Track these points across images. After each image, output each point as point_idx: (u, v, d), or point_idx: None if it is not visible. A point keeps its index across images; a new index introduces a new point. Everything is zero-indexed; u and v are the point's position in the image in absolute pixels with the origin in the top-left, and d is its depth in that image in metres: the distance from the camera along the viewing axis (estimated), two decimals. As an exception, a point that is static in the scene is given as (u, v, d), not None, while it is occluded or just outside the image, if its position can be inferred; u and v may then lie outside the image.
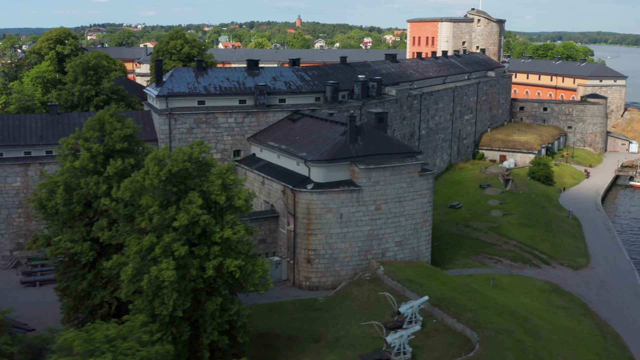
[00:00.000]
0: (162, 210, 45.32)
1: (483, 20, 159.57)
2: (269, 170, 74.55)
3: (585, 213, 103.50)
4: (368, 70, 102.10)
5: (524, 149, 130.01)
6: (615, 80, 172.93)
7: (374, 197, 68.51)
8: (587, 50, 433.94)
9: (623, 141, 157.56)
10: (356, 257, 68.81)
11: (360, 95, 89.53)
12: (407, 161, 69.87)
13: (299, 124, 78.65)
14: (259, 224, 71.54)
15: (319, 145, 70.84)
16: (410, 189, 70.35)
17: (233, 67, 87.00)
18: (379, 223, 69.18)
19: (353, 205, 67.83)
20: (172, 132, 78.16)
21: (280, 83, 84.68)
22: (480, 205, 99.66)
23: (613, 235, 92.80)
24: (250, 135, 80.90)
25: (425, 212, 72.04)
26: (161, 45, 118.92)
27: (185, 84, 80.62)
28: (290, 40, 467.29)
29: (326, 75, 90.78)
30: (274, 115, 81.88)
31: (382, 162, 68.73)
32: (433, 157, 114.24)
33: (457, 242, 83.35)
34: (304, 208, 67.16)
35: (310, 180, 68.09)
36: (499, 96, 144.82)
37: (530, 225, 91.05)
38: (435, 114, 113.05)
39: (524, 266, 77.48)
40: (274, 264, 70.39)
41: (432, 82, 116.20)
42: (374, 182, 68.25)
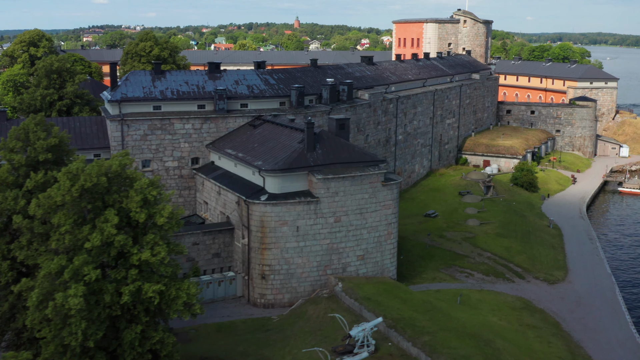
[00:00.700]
0: (76, 230, 41.15)
1: (469, 21, 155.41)
2: (225, 180, 70.43)
3: (568, 222, 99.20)
4: (341, 73, 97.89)
5: (508, 154, 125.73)
6: (606, 83, 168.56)
7: (333, 208, 64.34)
8: (584, 52, 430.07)
9: (613, 145, 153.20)
10: (314, 272, 64.63)
11: (329, 100, 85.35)
12: (369, 170, 65.67)
13: (259, 131, 74.51)
14: (212, 237, 67.48)
15: (275, 153, 66.68)
16: (372, 199, 66.15)
17: (193, 71, 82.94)
18: (338, 236, 65.01)
19: (310, 217, 63.65)
20: (124, 139, 74.02)
21: (242, 87, 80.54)
22: (457, 214, 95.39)
23: (595, 246, 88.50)
24: (210, 142, 76.77)
25: (390, 224, 67.84)
26: (130, 47, 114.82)
27: (140, 89, 76.50)
28: (284, 42, 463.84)
29: (293, 78, 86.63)
30: (235, 121, 77.73)
31: (342, 171, 64.57)
32: (411, 163, 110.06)
33: (428, 254, 79.13)
34: (258, 221, 62.98)
35: (265, 191, 63.94)
36: (484, 99, 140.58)
37: (507, 235, 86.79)
38: (414, 118, 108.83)
39: (497, 280, 73.23)
40: (228, 280, 66.33)
41: (410, 85, 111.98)
42: (332, 192, 64.08)
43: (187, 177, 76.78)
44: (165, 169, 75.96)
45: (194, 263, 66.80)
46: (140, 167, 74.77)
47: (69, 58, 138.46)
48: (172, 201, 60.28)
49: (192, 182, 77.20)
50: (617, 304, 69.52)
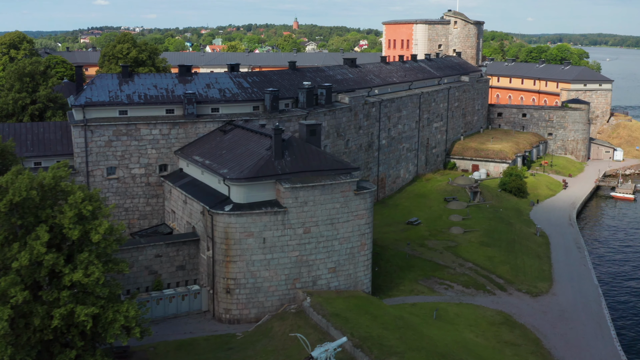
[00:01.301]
0: (5, 248, 38.00)
1: (460, 22, 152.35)
2: (191, 188, 67.28)
3: (556, 229, 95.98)
4: (321, 76, 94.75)
5: (497, 158, 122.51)
6: (600, 85, 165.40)
7: (302, 219, 61.16)
8: (582, 53, 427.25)
9: (607, 148, 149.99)
10: (282, 286, 61.44)
11: (306, 104, 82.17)
12: (340, 179, 62.48)
13: (229, 137, 71.35)
14: (176, 249, 64.35)
15: (242, 161, 63.53)
16: (344, 209, 62.96)
17: (163, 74, 79.76)
18: (308, 248, 61.83)
19: (278, 228, 60.47)
20: (88, 146, 70.90)
21: (214, 90, 77.38)
22: (441, 222, 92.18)
23: (583, 255, 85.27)
24: (178, 148, 73.62)
25: (363, 235, 64.63)
26: (107, 49, 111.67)
27: (106, 93, 73.42)
28: (281, 43, 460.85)
29: (269, 81, 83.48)
30: (205, 126, 74.57)
31: (311, 180, 61.40)
32: (396, 168, 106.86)
33: (407, 265, 75.94)
34: (222, 232, 59.83)
35: (230, 200, 60.78)
36: (474, 102, 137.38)
37: (491, 244, 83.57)
38: (398, 122, 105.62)
39: (477, 293, 69.99)
40: (192, 294, 63.16)
41: (395, 88, 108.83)
42: (301, 202, 60.89)
43: (154, 185, 73.64)
44: (132, 176, 72.82)
45: (157, 276, 63.76)
46: (105, 174, 71.75)
47: (51, 60, 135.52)
48: (112, 216, 57.09)
49: (160, 189, 74.08)
50: (603, 318, 66.30)
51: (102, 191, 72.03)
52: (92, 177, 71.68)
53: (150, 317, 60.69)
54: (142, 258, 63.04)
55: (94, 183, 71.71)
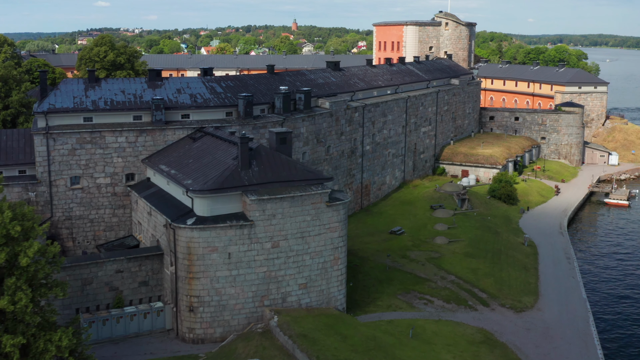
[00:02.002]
0: None
1: (451, 23, 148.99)
2: (156, 199, 64.02)
3: (545, 238, 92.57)
4: (301, 80, 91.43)
5: (488, 164, 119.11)
6: (595, 87, 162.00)
7: (270, 232, 57.83)
8: (581, 54, 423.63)
9: (602, 153, 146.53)
10: (250, 304, 58.09)
11: (282, 110, 78.85)
12: (311, 190, 59.14)
13: (197, 144, 68.05)
14: (138, 264, 61.01)
15: (207, 171, 60.22)
16: (315, 222, 59.62)
17: (132, 78, 76.43)
18: (277, 263, 58.49)
19: (244, 242, 57.14)
20: (50, 155, 67.66)
21: (184, 96, 74.11)
22: (425, 231, 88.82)
23: (572, 266, 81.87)
24: (146, 156, 70.34)
25: (336, 249, 61.28)
26: (84, 52, 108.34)
27: (70, 99, 70.18)
28: (277, 45, 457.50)
29: (244, 86, 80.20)
30: (174, 134, 71.27)
31: (280, 191, 58.07)
32: (381, 175, 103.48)
33: (387, 278, 72.55)
34: (184, 247, 56.50)
35: (194, 213, 57.45)
36: (465, 105, 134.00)
37: (476, 255, 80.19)
38: (383, 127, 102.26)
39: (458, 308, 66.58)
40: (155, 311, 59.82)
41: (381, 91, 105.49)
42: (269, 215, 57.56)
43: (121, 195, 70.35)
44: (97, 186, 69.54)
45: (118, 293, 60.42)
46: (68, 184, 68.49)
47: (32, 64, 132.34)
48: (46, 236, 53.70)
49: (127, 200, 70.80)
50: (589, 336, 62.89)
51: (66, 202, 69.09)
52: (55, 187, 68.44)
53: (110, 336, 57.82)
54: (101, 274, 59.71)
55: (57, 193, 68.51)
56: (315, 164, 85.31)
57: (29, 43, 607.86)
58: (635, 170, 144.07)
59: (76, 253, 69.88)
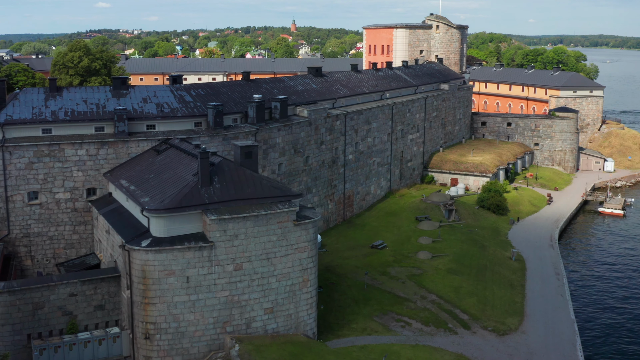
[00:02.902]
0: None
1: (442, 26, 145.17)
2: (114, 217, 60.27)
3: (535, 252, 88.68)
4: (279, 87, 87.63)
5: (477, 172, 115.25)
6: (591, 91, 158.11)
7: (232, 254, 54.02)
8: (580, 55, 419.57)
9: (597, 159, 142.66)
10: (210, 330, 54.26)
11: (256, 119, 75.06)
12: (277, 208, 55.33)
13: (161, 158, 64.29)
14: (94, 287, 57.14)
15: (166, 187, 56.44)
16: (282, 242, 55.82)
17: (96, 87, 72.64)
18: (240, 287, 54.67)
19: (204, 265, 53.34)
20: (6, 169, 63.92)
21: (150, 105, 70.35)
22: (409, 245, 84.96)
23: (562, 283, 78.01)
24: (108, 170, 66.57)
25: (305, 270, 57.46)
26: (58, 58, 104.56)
27: (29, 109, 66.48)
28: (274, 47, 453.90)
29: (216, 94, 76.44)
30: (138, 146, 67.52)
31: (243, 210, 54.26)
32: (365, 185, 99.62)
33: (364, 297, 68.70)
34: (139, 270, 52.69)
35: (150, 234, 53.64)
36: (455, 111, 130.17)
37: (460, 271, 76.34)
38: (367, 135, 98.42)
39: (437, 332, 62.69)
40: (111, 337, 56.00)
41: (365, 98, 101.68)
42: (231, 235, 53.76)
43: (82, 211, 66.60)
44: (56, 201, 65.78)
45: (72, 317, 56.59)
46: (26, 199, 64.77)
47: (12, 68, 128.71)
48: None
49: (88, 216, 67.06)
50: (576, 362, 59.08)
51: (23, 218, 65.38)
52: (12, 202, 64.73)
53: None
54: (54, 297, 55.84)
55: (14, 210, 64.85)
56: (293, 175, 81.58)
57: (26, 45, 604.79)
58: (632, 177, 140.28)
59: (35, 272, 66.30)
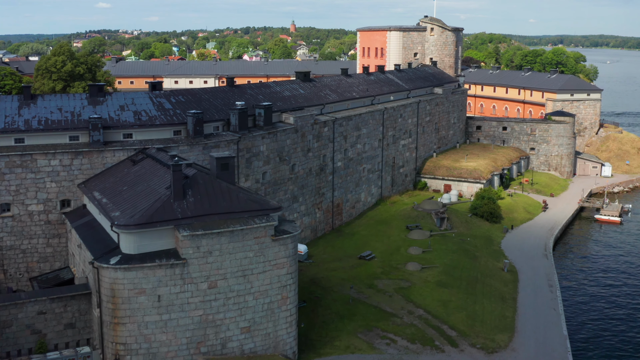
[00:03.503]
0: None
1: (437, 29, 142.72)
2: (87, 231, 57.94)
3: (528, 262, 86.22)
4: (264, 92, 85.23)
5: (471, 178, 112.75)
6: (588, 94, 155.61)
7: (207, 271, 51.66)
8: (579, 56, 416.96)
9: (595, 163, 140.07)
10: (184, 351, 51.94)
11: (238, 127, 72.66)
12: (254, 222, 52.92)
13: (137, 168, 61.88)
14: (63, 304, 54.81)
15: (138, 201, 54.07)
16: (259, 258, 53.44)
17: (71, 95, 70.17)
18: (215, 305, 52.32)
19: (176, 283, 50.98)
20: (-24, 180, 61.50)
21: (127, 113, 67.98)
22: (398, 255, 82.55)
23: (555, 296, 75.56)
24: (82, 181, 64.18)
25: (284, 287, 55.07)
26: (41, 62, 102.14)
27: (2, 118, 64.21)
28: (272, 48, 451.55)
29: (197, 101, 74.05)
30: (113, 156, 65.11)
31: (217, 225, 51.87)
32: (355, 192, 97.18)
33: (349, 312, 66.26)
34: (108, 289, 50.35)
35: (119, 250, 51.25)
36: (449, 115, 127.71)
37: (450, 284, 73.91)
38: (357, 141, 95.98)
39: (423, 350, 60.25)
40: (81, 357, 53.62)
41: (355, 103, 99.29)
42: (204, 252, 51.40)
43: (55, 223, 64.22)
44: (29, 213, 63.40)
45: (41, 336, 54.25)
46: (-3, 212, 62.39)
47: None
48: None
49: (62, 228, 64.69)
50: (567, 382, 56.65)
51: (-5, 231, 63.00)
52: (-17, 215, 62.32)
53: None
54: (22, 316, 53.56)
55: (-15, 222, 62.39)
56: (278, 184, 79.19)
57: (24, 46, 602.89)
58: (629, 182, 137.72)
59: (8, 286, 63.90)
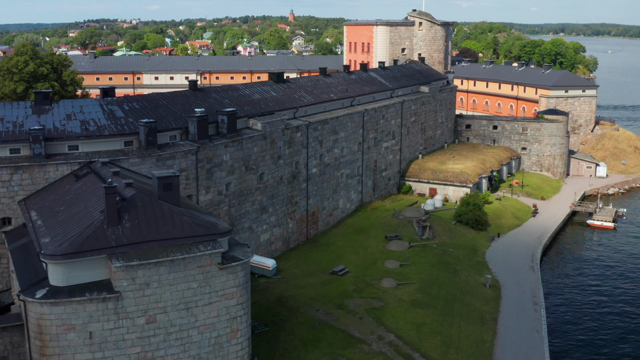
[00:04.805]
0: None
1: (425, 23, 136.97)
2: (20, 256, 52.94)
3: (513, 276, 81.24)
4: (231, 96, 79.92)
5: (457, 182, 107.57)
6: (584, 90, 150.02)
7: (144, 305, 46.65)
8: (578, 47, 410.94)
9: (589, 163, 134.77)
10: (120, 391, 47.00)
11: (197, 135, 67.47)
12: (197, 250, 47.86)
13: (79, 185, 56.76)
14: (-8, 338, 49.82)
15: (71, 225, 49.00)
16: (204, 289, 48.42)
17: (15, 103, 64.93)
18: (154, 342, 47.31)
19: (109, 319, 45.98)
20: None
21: (74, 123, 62.79)
22: (374, 269, 77.57)
23: (539, 315, 70.61)
24: (24, 197, 59.12)
25: (234, 319, 50.07)
26: (3, 63, 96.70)
27: None
28: (267, 38, 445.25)
29: (154, 108, 68.81)
30: (56, 170, 60.02)
31: (156, 253, 46.80)
32: (332, 199, 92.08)
33: (315, 337, 61.31)
34: (35, 324, 45.39)
35: (47, 282, 46.25)
36: (436, 114, 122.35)
37: (426, 303, 68.94)
38: (334, 145, 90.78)
39: (390, 383, 55.42)
40: (10, 397, 48.81)
41: (332, 105, 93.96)
42: (141, 284, 46.36)
43: (-6, 244, 59.26)
44: (-36, 233, 58.44)
45: (-33, 373, 49.42)
46: None
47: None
48: None
49: (3, 248, 59.77)
50: (546, 421, 51.75)
51: None
52: None
53: None
54: (-56, 351, 48.75)
55: None
56: (245, 195, 74.13)
57: (19, 36, 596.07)
58: (625, 183, 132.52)
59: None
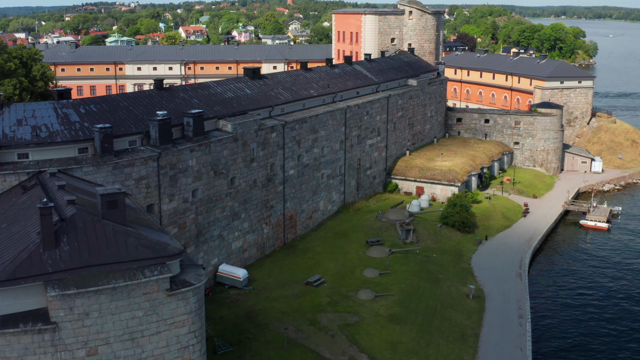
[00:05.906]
0: None
1: (416, 12, 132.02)
2: (-44, 278, 48.64)
3: (499, 284, 77.25)
4: (200, 96, 75.42)
5: (445, 180, 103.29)
6: (579, 81, 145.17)
7: (84, 336, 42.64)
8: (578, 32, 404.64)
9: (584, 158, 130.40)
10: None
11: (159, 140, 63.11)
12: (142, 275, 43.74)
13: (24, 198, 52.56)
14: None
15: (6, 248, 44.81)
16: (151, 318, 44.36)
17: (-39, 106, 60.66)
18: (96, 375, 43.37)
19: (46, 351, 42.00)
20: None
21: (25, 129, 58.43)
22: (352, 279, 73.58)
23: (524, 330, 66.67)
24: (-33, 210, 54.88)
25: (185, 349, 46.07)
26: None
27: None
28: (262, 23, 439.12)
29: (113, 111, 64.39)
30: (4, 181, 55.76)
31: (97, 280, 42.71)
32: (312, 201, 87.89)
33: (282, 358, 57.45)
34: (-38, 359, 41.42)
35: (-23, 312, 42.22)
36: (425, 108, 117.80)
37: (403, 318, 64.98)
38: (313, 145, 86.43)
39: (359, 412, 51.59)
40: None
41: (312, 102, 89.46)
42: (80, 314, 42.32)
43: None
44: None
45: None
46: None
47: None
48: None
49: (-54, 265, 55.47)
50: None
51: None
52: None
53: None
54: None
55: None
56: (214, 202, 69.96)
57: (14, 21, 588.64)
58: (621, 179, 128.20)
59: None
